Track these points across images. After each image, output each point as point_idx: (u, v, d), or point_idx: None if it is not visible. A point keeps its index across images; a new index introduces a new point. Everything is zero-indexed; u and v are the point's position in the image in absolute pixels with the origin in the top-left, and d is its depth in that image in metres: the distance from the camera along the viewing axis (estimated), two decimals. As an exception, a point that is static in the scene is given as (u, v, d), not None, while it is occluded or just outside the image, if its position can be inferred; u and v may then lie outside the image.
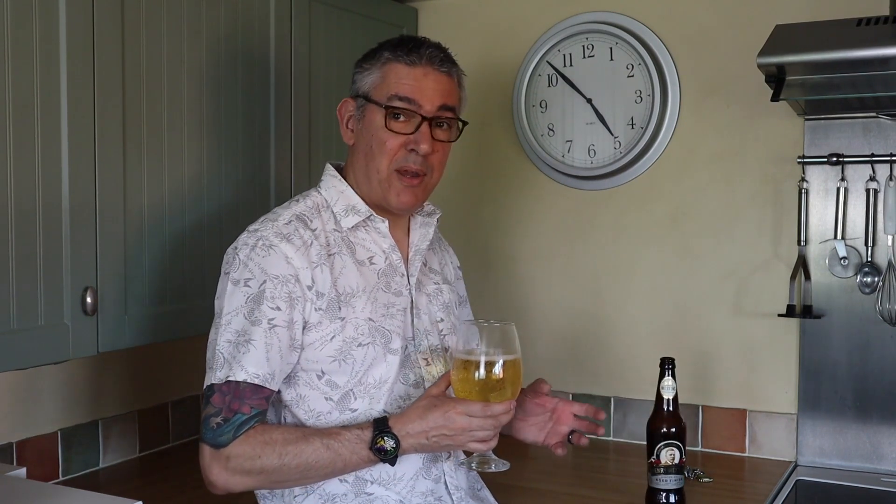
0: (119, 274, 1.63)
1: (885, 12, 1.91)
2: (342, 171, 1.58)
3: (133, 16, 1.64)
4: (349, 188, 1.54)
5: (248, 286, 1.42)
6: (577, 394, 2.41)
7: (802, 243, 2.13)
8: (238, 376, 1.38)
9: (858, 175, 2.09)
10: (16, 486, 1.46)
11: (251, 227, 1.48)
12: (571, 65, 2.37)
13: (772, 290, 2.19)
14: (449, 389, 1.44)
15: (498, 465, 1.46)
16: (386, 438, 1.39)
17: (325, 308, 1.44)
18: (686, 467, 1.85)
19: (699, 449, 2.28)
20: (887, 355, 2.08)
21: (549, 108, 2.40)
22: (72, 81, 1.52)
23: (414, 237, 1.59)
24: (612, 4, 2.34)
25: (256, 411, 1.40)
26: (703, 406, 2.27)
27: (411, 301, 1.55)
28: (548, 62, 2.39)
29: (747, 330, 2.23)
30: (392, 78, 1.49)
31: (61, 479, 1.96)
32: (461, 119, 1.56)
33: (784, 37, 1.80)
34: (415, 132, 1.48)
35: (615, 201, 2.38)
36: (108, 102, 1.59)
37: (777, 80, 1.79)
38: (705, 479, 2.03)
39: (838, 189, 2.10)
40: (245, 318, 1.41)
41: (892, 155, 2.03)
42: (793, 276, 2.13)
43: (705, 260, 2.28)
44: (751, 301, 2.23)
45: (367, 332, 1.46)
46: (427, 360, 1.54)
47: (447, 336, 1.59)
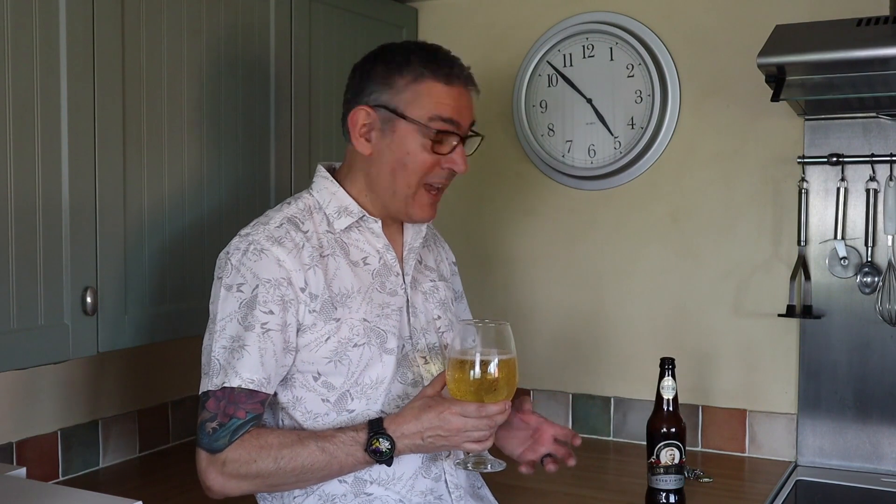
0: (119, 274, 1.63)
1: (885, 12, 1.91)
2: (334, 173, 1.57)
3: (133, 16, 1.64)
4: (341, 189, 1.53)
5: (241, 291, 1.41)
6: (576, 394, 2.41)
7: (802, 243, 2.13)
8: (233, 382, 1.38)
9: (858, 175, 2.09)
10: (16, 485, 1.46)
11: (242, 232, 1.47)
12: (571, 65, 2.37)
13: (772, 290, 2.19)
14: (444, 389, 1.44)
15: (494, 466, 1.46)
16: (381, 440, 1.39)
17: (320, 310, 1.44)
18: (686, 467, 1.86)
19: (699, 449, 2.27)
20: (887, 355, 2.08)
21: (549, 108, 2.40)
22: (72, 81, 1.52)
23: (407, 236, 1.59)
24: (612, 4, 2.34)
25: (252, 415, 1.40)
26: (703, 406, 2.27)
27: (407, 300, 1.55)
28: (548, 62, 2.39)
29: (747, 330, 2.23)
30: (432, 97, 1.46)
31: (61, 479, 1.96)
32: (480, 134, 1.56)
33: (784, 37, 1.80)
34: (451, 152, 1.48)
35: (615, 201, 2.37)
36: (108, 102, 1.59)
37: (777, 80, 1.79)
38: (705, 479, 2.03)
39: (838, 189, 2.10)
40: (239, 323, 1.41)
41: (892, 155, 2.03)
42: (793, 276, 2.13)
43: (705, 260, 2.28)
44: (751, 301, 2.23)
45: (361, 333, 1.46)
46: (425, 359, 1.54)
47: (445, 333, 1.59)
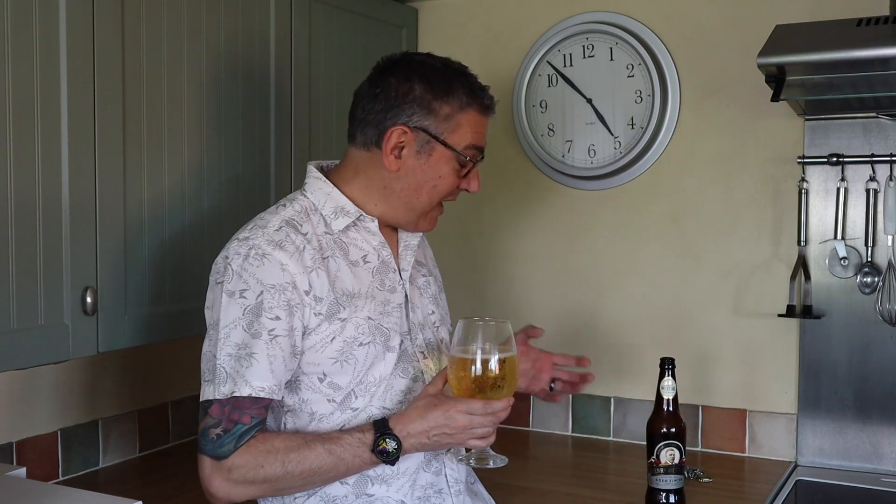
0: (119, 274, 1.63)
1: (885, 12, 1.91)
2: (327, 172, 1.55)
3: (133, 16, 1.64)
4: (335, 189, 1.51)
5: (245, 297, 1.39)
6: (577, 393, 2.41)
7: (802, 243, 2.13)
8: (243, 391, 1.37)
9: (858, 175, 2.09)
10: (16, 485, 1.46)
11: (241, 236, 1.45)
12: (571, 65, 2.37)
13: (772, 290, 2.19)
14: (445, 387, 1.44)
15: (496, 461, 1.47)
16: (388, 440, 1.39)
17: (325, 312, 1.43)
18: (686, 467, 1.86)
19: (699, 449, 2.27)
20: (887, 355, 2.08)
21: (549, 108, 2.40)
22: (72, 81, 1.52)
23: (402, 233, 1.59)
24: (612, 4, 2.34)
25: (257, 420, 1.39)
26: (703, 406, 2.27)
27: (405, 296, 1.55)
28: (548, 62, 2.39)
29: (747, 330, 2.23)
30: (472, 127, 1.49)
31: (61, 478, 1.96)
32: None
33: (784, 37, 1.80)
34: (468, 173, 1.52)
35: (615, 201, 2.37)
36: (108, 102, 1.59)
37: (777, 80, 1.79)
38: (705, 479, 2.03)
39: (838, 189, 2.10)
40: (244, 330, 1.39)
41: (892, 155, 2.03)
42: (793, 277, 2.13)
43: (705, 260, 2.28)
44: (751, 301, 2.23)
45: (367, 332, 1.46)
46: (423, 354, 1.54)
47: (440, 328, 1.60)
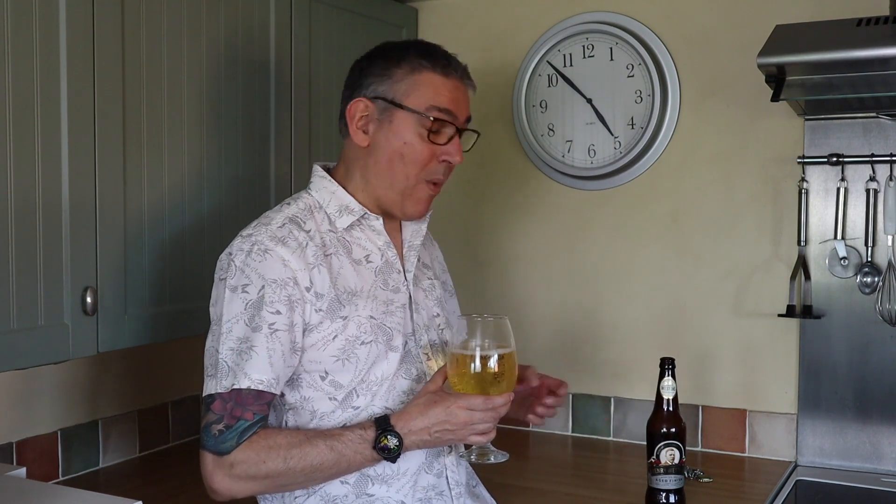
0: (119, 274, 1.63)
1: (885, 12, 1.90)
2: (330, 172, 1.58)
3: (133, 16, 1.64)
4: (340, 188, 1.53)
5: (247, 292, 1.41)
6: (576, 394, 2.41)
7: (802, 243, 2.13)
8: (242, 384, 1.38)
9: (858, 175, 2.09)
10: (16, 485, 1.46)
11: (244, 233, 1.47)
12: (571, 65, 2.37)
13: (772, 290, 2.19)
14: (445, 384, 1.45)
15: (497, 457, 1.48)
16: (389, 437, 1.39)
17: (326, 309, 1.44)
18: (686, 467, 1.86)
19: (699, 449, 2.27)
20: (887, 355, 2.08)
21: (549, 108, 2.40)
22: (72, 82, 1.51)
23: (406, 233, 1.60)
24: (612, 4, 2.34)
25: (259, 417, 1.40)
26: (703, 406, 2.27)
27: (409, 297, 1.56)
28: (548, 62, 2.39)
29: (747, 330, 2.23)
30: (430, 88, 1.48)
31: (61, 479, 1.96)
32: (477, 131, 1.58)
33: (784, 37, 1.80)
34: (447, 143, 1.50)
35: (615, 201, 2.37)
36: (108, 102, 1.59)
37: (777, 80, 1.79)
38: (705, 479, 2.03)
39: (838, 189, 2.10)
40: (246, 324, 1.40)
41: (892, 155, 2.03)
42: (793, 276, 2.13)
43: (705, 260, 2.28)
44: (751, 301, 2.23)
45: (369, 330, 1.47)
46: (427, 355, 1.55)
47: (444, 330, 1.61)
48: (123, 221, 1.64)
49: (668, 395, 1.79)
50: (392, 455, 1.40)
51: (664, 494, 1.78)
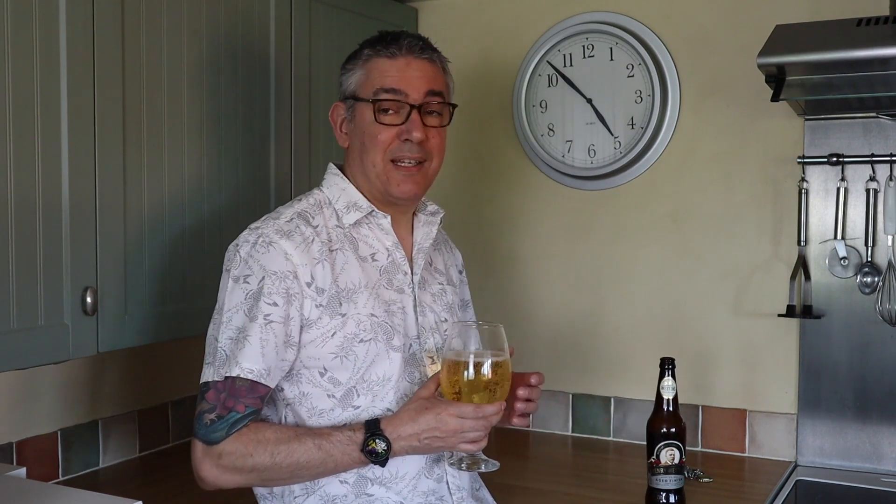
0: (119, 274, 1.63)
1: (885, 12, 1.91)
2: (343, 171, 1.59)
3: (133, 16, 1.64)
4: (351, 185, 1.55)
5: (248, 283, 1.43)
6: (576, 394, 2.41)
7: (802, 243, 2.13)
8: (233, 372, 1.39)
9: (858, 175, 2.09)
10: (16, 486, 1.46)
11: (253, 225, 1.49)
12: (571, 65, 2.37)
13: (772, 290, 2.19)
14: (438, 391, 1.44)
15: (488, 466, 1.47)
16: (377, 441, 1.39)
17: (326, 304, 1.44)
18: (686, 467, 1.86)
19: (699, 449, 2.27)
20: (887, 355, 2.08)
21: (549, 108, 2.40)
22: (72, 81, 1.51)
23: (417, 235, 1.60)
24: (612, 4, 2.34)
25: (251, 410, 1.40)
26: (703, 406, 2.27)
27: (414, 299, 1.55)
28: (548, 62, 2.39)
29: (747, 330, 2.23)
30: (375, 73, 1.51)
31: (61, 479, 1.96)
32: (451, 103, 1.57)
33: (784, 37, 1.80)
34: (405, 122, 1.50)
35: (615, 201, 2.37)
36: (108, 102, 1.59)
37: (777, 80, 1.79)
38: (705, 479, 2.03)
39: (838, 189, 2.10)
40: (245, 314, 1.42)
41: (892, 155, 2.03)
42: (793, 276, 2.13)
43: (705, 260, 2.28)
44: (751, 301, 2.23)
45: (368, 328, 1.47)
46: (432, 359, 1.54)
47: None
48: (123, 221, 1.64)
49: (668, 395, 1.79)
50: (380, 459, 1.40)
51: (664, 494, 1.78)
